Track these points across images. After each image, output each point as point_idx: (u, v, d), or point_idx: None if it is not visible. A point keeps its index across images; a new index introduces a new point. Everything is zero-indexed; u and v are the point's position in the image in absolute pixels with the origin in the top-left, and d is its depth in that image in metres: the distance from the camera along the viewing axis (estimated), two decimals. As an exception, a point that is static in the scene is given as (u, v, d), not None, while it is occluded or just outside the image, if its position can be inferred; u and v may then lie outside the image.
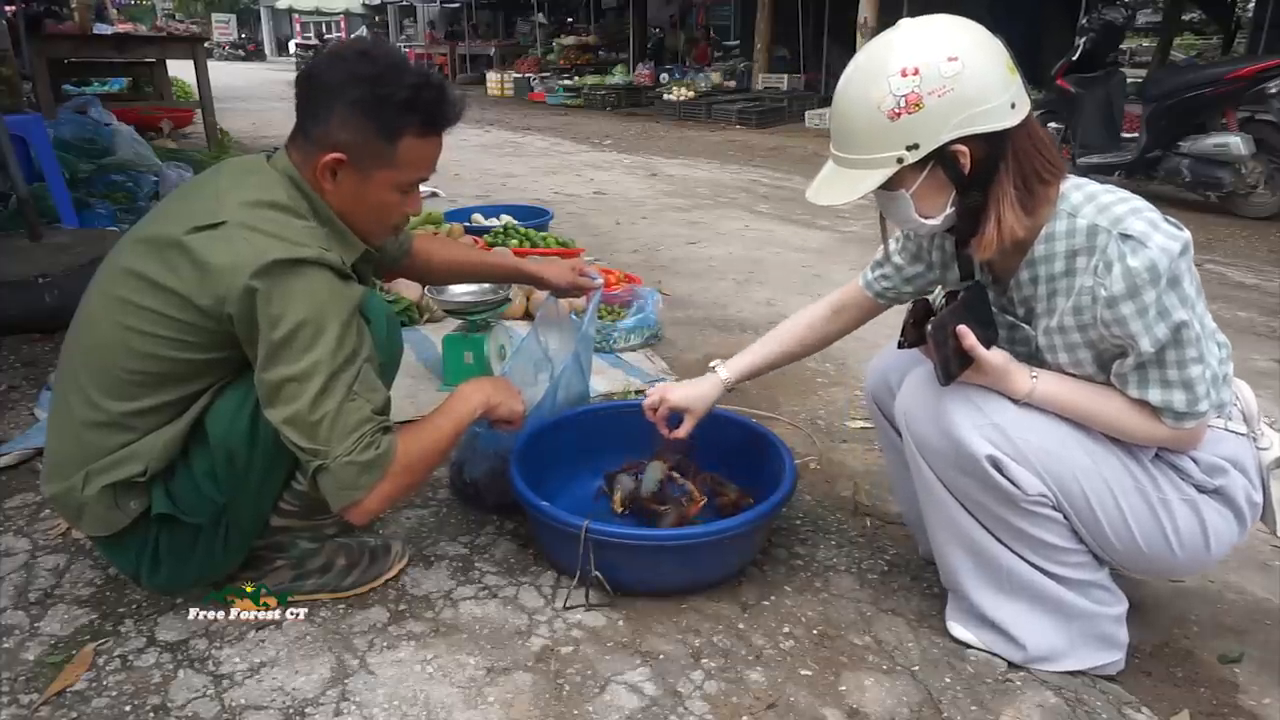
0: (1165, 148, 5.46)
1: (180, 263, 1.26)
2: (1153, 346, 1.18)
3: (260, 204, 1.29)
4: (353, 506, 1.31)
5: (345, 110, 1.33)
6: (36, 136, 3.66)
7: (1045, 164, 1.24)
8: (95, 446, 1.33)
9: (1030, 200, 1.24)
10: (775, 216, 5.42)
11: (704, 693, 1.37)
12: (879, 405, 1.63)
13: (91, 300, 1.37)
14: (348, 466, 1.27)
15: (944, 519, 1.42)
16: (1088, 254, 1.21)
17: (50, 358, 2.68)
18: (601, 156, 8.31)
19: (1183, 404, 1.22)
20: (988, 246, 1.26)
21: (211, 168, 1.46)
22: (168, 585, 1.49)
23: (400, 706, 1.33)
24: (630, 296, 3.15)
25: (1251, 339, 3.21)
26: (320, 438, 1.26)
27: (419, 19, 25.94)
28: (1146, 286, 1.16)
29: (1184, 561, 1.35)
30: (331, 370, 1.25)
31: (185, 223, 1.27)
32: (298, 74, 1.40)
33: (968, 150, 1.19)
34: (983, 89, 1.16)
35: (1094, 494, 1.31)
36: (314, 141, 1.35)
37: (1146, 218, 1.18)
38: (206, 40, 7.45)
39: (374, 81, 1.32)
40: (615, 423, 2.01)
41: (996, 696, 1.38)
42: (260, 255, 1.22)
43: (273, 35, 37.04)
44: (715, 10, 16.75)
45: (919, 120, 1.17)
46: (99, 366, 1.32)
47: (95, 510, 1.34)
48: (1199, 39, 14.68)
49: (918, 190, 1.24)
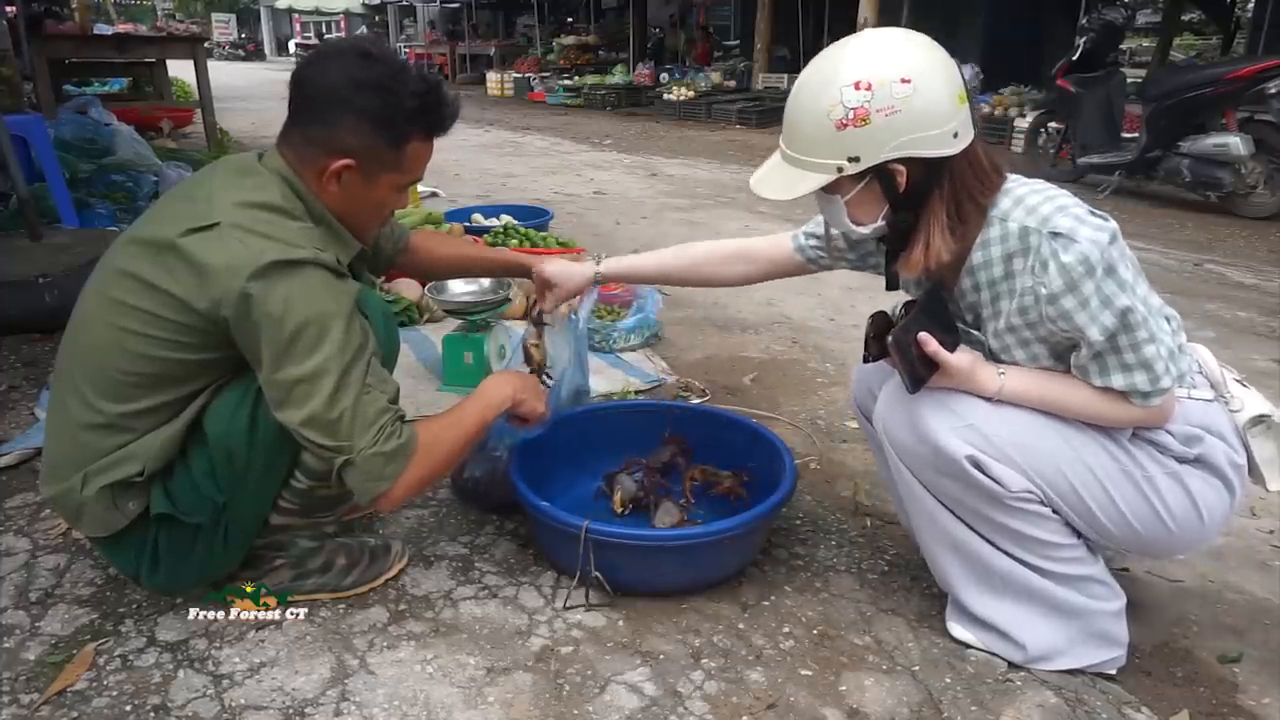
0: (1165, 148, 5.46)
1: (176, 265, 1.25)
2: (1102, 335, 1.21)
3: (254, 205, 1.28)
4: (381, 497, 1.32)
5: (354, 118, 1.33)
6: (37, 136, 3.66)
7: (980, 188, 1.27)
8: (93, 448, 1.33)
9: (960, 226, 1.28)
10: (776, 216, 5.42)
11: (704, 693, 1.37)
12: (864, 412, 1.64)
13: (87, 302, 1.37)
14: (374, 458, 1.28)
15: (931, 525, 1.42)
16: (1023, 255, 1.25)
17: (50, 358, 2.67)
18: (601, 156, 8.31)
19: (1146, 384, 1.24)
20: (914, 267, 1.30)
21: (205, 168, 1.46)
22: (167, 585, 1.49)
23: (400, 706, 1.33)
24: (630, 296, 3.15)
25: (1251, 339, 3.21)
26: (342, 434, 1.26)
27: (419, 19, 25.94)
28: (1084, 279, 1.19)
29: (1181, 536, 1.35)
30: (342, 366, 1.25)
31: (179, 224, 1.27)
32: (293, 73, 1.39)
33: (905, 171, 1.23)
34: (929, 116, 1.19)
35: (1079, 481, 1.31)
36: (316, 145, 1.35)
37: (1072, 214, 1.21)
38: (206, 40, 7.45)
39: (383, 89, 1.32)
40: (615, 423, 2.01)
41: (996, 696, 1.38)
42: (256, 257, 1.21)
43: (273, 35, 37.04)
44: (715, 10, 16.76)
45: (863, 135, 1.20)
46: (95, 368, 1.32)
47: (94, 511, 1.34)
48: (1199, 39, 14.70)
49: (853, 199, 1.28)
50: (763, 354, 3.00)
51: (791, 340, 3.14)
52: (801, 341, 3.13)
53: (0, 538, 1.75)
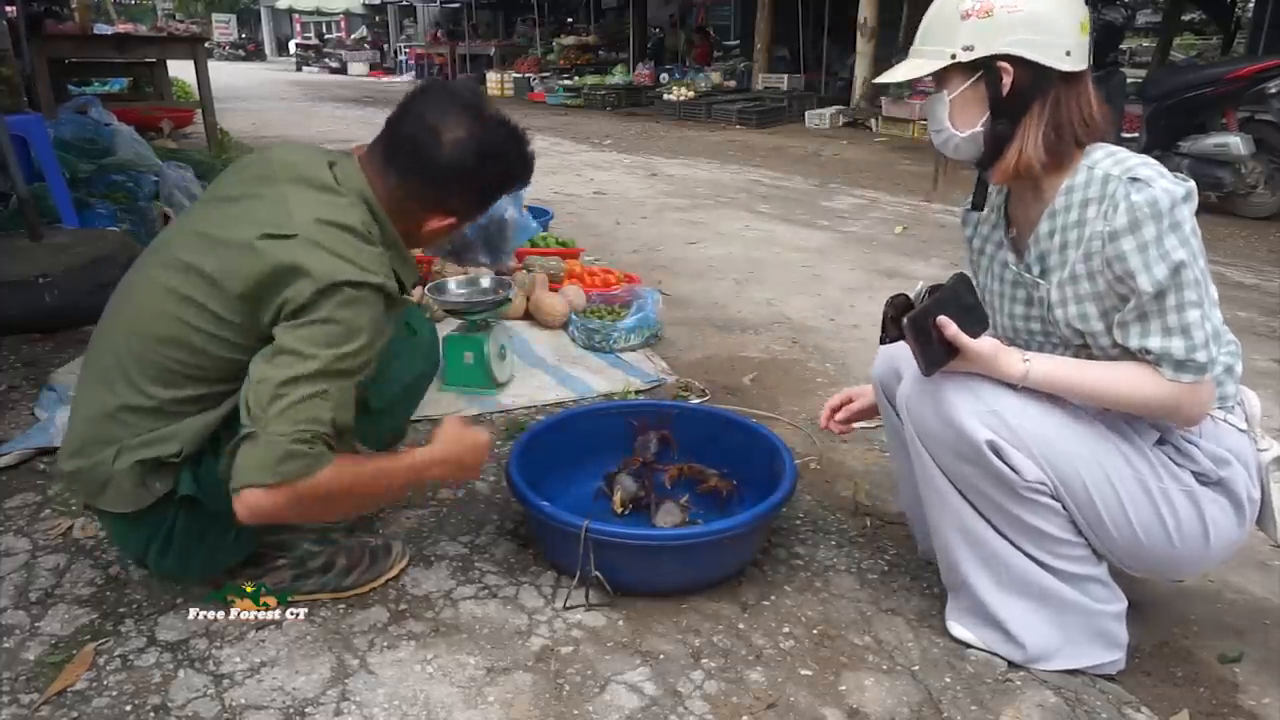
0: (1165, 148, 5.46)
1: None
2: (1151, 287, 1.21)
3: (334, 224, 1.30)
4: (249, 491, 1.22)
5: (468, 188, 1.43)
6: (37, 136, 3.66)
7: (1083, 126, 1.30)
8: (133, 426, 1.34)
9: (1058, 147, 1.30)
10: (775, 216, 5.43)
11: (704, 693, 1.37)
12: (885, 391, 1.63)
13: (140, 288, 1.38)
14: (275, 444, 1.21)
15: (945, 509, 1.42)
16: (1098, 202, 1.26)
17: (50, 358, 2.68)
18: (601, 156, 8.31)
19: (1181, 350, 1.23)
20: (1003, 172, 1.34)
21: (259, 160, 1.44)
22: (174, 570, 1.49)
23: (400, 706, 1.33)
24: (630, 296, 3.15)
25: (1252, 339, 3.21)
26: (269, 409, 1.22)
27: (419, 19, 25.93)
28: (1147, 220, 1.20)
29: (1183, 555, 1.35)
30: (324, 368, 1.24)
31: (255, 227, 1.28)
32: (397, 115, 1.42)
33: (1012, 73, 1.27)
34: (1048, 24, 1.25)
35: (1093, 482, 1.31)
36: (418, 199, 1.41)
37: (1155, 168, 1.24)
38: (206, 40, 7.45)
39: (502, 161, 1.42)
40: (615, 423, 2.01)
41: (996, 696, 1.38)
42: (331, 274, 1.24)
43: (273, 35, 37.01)
44: (715, 10, 16.76)
45: (983, 26, 1.27)
46: (150, 355, 1.32)
47: (122, 485, 1.34)
48: (1199, 39, 14.69)
49: (957, 97, 1.32)
50: (763, 354, 3.00)
51: (791, 340, 3.14)
52: (801, 341, 3.13)
53: (0, 538, 1.75)
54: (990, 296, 1.48)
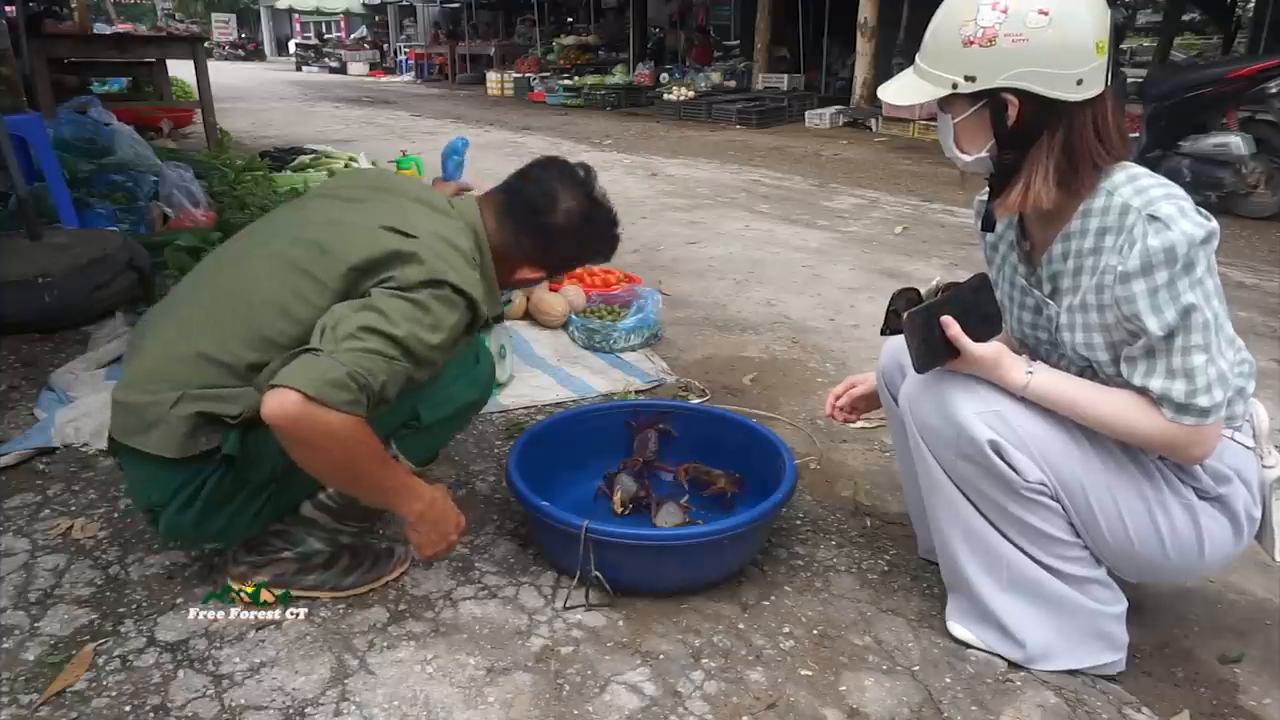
0: (1165, 148, 5.45)
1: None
2: (1160, 330, 1.18)
3: (449, 243, 1.42)
4: (287, 391, 1.22)
5: (571, 253, 1.61)
6: (36, 136, 3.65)
7: (1100, 150, 1.25)
8: (204, 376, 1.37)
9: (1072, 179, 1.25)
10: (775, 216, 5.42)
11: (704, 693, 1.37)
12: (889, 385, 1.63)
13: (255, 254, 1.47)
14: (333, 368, 1.24)
15: (947, 508, 1.42)
16: (1115, 233, 1.23)
17: (50, 358, 2.68)
18: (601, 156, 8.30)
19: (1181, 394, 1.20)
20: (1009, 208, 1.30)
21: (377, 173, 1.66)
22: (185, 532, 1.47)
23: (400, 706, 1.33)
24: (630, 296, 3.15)
25: (1252, 339, 3.21)
26: (343, 342, 1.28)
27: (419, 19, 25.93)
28: (1160, 267, 1.17)
29: (1175, 564, 1.35)
30: (402, 338, 1.31)
31: (379, 219, 1.42)
32: (523, 174, 1.59)
33: (1018, 105, 1.22)
34: (1057, 54, 1.18)
35: (1091, 489, 1.31)
36: (522, 251, 1.56)
37: (1178, 204, 1.19)
38: (206, 40, 7.46)
39: (605, 239, 1.61)
40: (615, 423, 2.01)
41: (996, 696, 1.38)
42: (441, 271, 1.36)
43: (273, 35, 36.98)
44: (715, 10, 16.74)
45: (986, 56, 1.20)
46: (250, 319, 1.38)
47: (173, 429, 1.36)
48: (1199, 39, 14.67)
49: (962, 122, 1.29)
50: (763, 354, 3.00)
51: (791, 340, 3.14)
52: (801, 341, 3.12)
53: (0, 538, 1.75)
54: (1001, 295, 1.47)
